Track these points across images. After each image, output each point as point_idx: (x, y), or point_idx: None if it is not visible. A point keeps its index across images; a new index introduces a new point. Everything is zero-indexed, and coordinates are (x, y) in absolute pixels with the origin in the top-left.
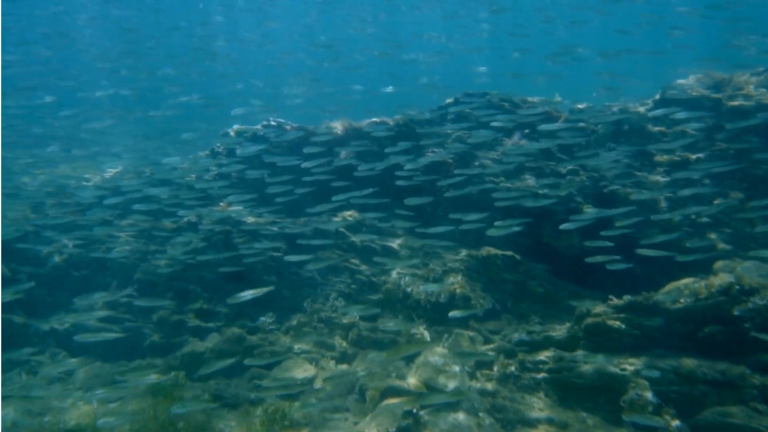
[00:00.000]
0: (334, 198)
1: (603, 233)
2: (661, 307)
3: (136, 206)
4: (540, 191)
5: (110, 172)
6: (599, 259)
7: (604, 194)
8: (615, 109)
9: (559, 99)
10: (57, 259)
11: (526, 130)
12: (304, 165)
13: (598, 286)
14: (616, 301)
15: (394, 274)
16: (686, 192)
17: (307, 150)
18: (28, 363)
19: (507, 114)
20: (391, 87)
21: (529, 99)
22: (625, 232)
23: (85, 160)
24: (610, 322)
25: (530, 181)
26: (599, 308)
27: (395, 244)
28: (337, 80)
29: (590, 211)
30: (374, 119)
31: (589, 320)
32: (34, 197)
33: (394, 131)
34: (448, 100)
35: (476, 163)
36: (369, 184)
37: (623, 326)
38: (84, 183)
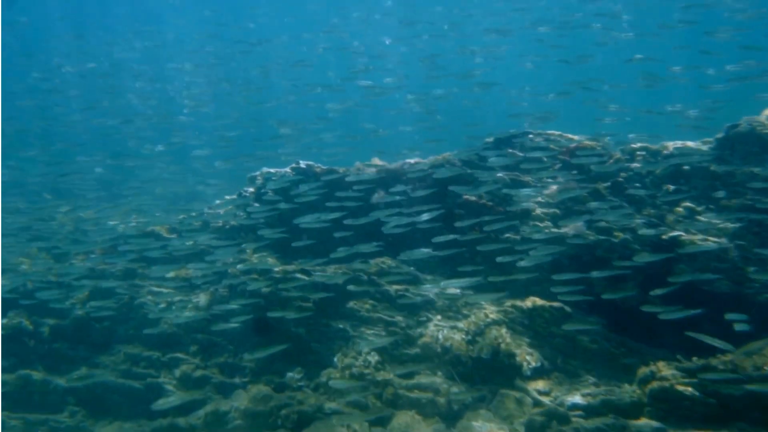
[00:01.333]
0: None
1: (668, 280)
2: (742, 373)
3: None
4: (591, 236)
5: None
6: (658, 309)
7: (664, 241)
8: (672, 147)
9: (607, 139)
10: (79, 311)
11: (574, 171)
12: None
13: (662, 343)
14: (685, 362)
15: (431, 327)
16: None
17: (339, 194)
18: (47, 423)
19: (552, 153)
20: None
21: (575, 137)
22: (689, 281)
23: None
24: (680, 388)
25: (579, 225)
26: (666, 370)
27: (432, 293)
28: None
29: (646, 258)
30: (408, 160)
31: (654, 384)
32: (60, 244)
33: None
34: (488, 140)
35: (519, 207)
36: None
37: (696, 393)
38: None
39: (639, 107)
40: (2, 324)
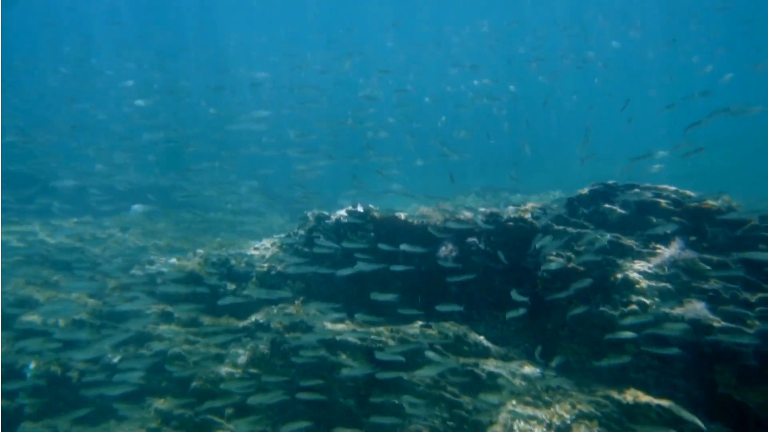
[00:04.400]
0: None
1: None
2: None
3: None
4: (715, 323)
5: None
6: None
7: None
8: None
9: (726, 198)
10: (112, 358)
11: (692, 237)
12: (393, 268)
13: None
14: None
15: (504, 413)
16: None
17: (404, 247)
18: None
19: (663, 212)
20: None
21: (694, 194)
22: None
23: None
24: None
25: (699, 307)
26: None
27: (506, 371)
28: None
29: None
30: (482, 209)
31: None
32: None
33: (504, 230)
34: (581, 191)
35: (618, 276)
36: (474, 288)
37: None
38: (148, 267)
39: None
40: (32, 369)
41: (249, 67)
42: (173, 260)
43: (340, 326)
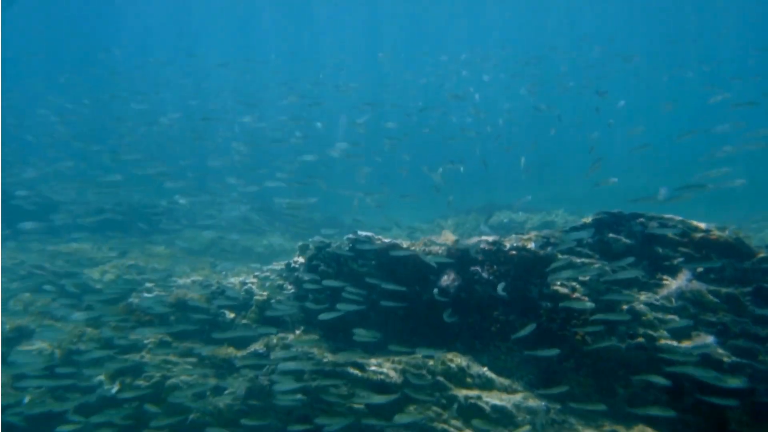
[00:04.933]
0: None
1: None
2: None
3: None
4: (725, 358)
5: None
6: None
7: None
8: None
9: (739, 231)
10: (107, 387)
11: (700, 269)
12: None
13: None
14: None
15: None
16: None
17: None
18: None
19: (670, 243)
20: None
21: (702, 225)
22: None
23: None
24: None
25: (708, 340)
26: None
27: (510, 403)
28: None
29: None
30: (486, 237)
31: None
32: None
33: (508, 259)
34: (585, 220)
35: (624, 307)
36: (477, 317)
37: None
38: (146, 296)
39: None
40: (25, 403)
41: None
42: (172, 288)
43: (340, 357)
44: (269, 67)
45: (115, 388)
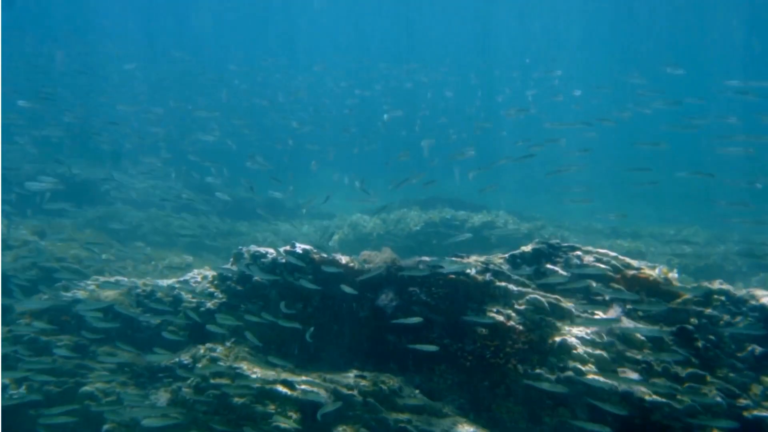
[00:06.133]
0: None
1: None
2: None
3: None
4: (647, 396)
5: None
6: None
7: (745, 419)
8: (764, 299)
9: (671, 273)
10: (12, 393)
11: (628, 305)
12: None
13: None
14: None
15: None
16: None
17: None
18: None
19: (602, 279)
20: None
21: (634, 263)
22: None
23: None
24: None
25: (632, 378)
26: None
27: (440, 429)
28: None
29: None
30: (425, 258)
31: None
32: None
33: (446, 282)
34: (524, 248)
35: (556, 338)
36: (412, 338)
37: None
38: (65, 295)
39: None
40: None
41: None
42: (92, 286)
43: (269, 373)
44: None
45: (19, 393)
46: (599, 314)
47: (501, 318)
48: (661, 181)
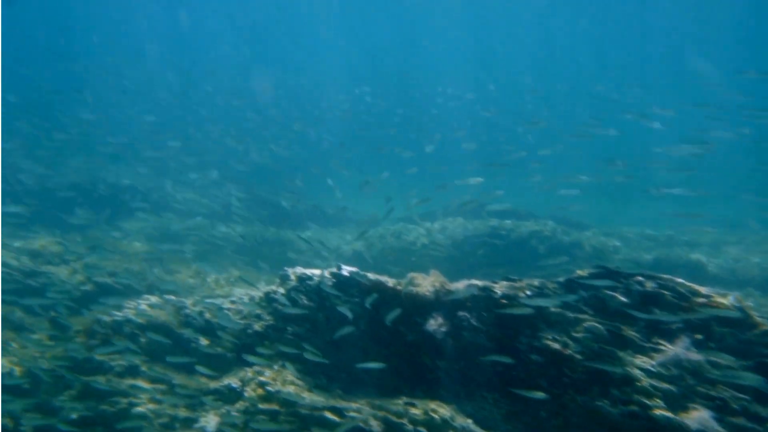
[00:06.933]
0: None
1: None
2: None
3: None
4: None
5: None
6: None
7: None
8: None
9: (743, 301)
10: (71, 412)
11: (699, 335)
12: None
13: None
14: None
15: None
16: None
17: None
18: None
19: (667, 307)
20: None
21: (702, 290)
22: None
23: None
24: None
25: (705, 416)
26: None
27: None
28: None
29: None
30: (475, 281)
31: None
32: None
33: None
34: (580, 272)
35: (617, 369)
36: (464, 365)
37: None
38: (116, 314)
39: None
40: None
41: None
42: (144, 306)
43: (318, 399)
44: None
45: (76, 412)
46: (665, 345)
47: (557, 345)
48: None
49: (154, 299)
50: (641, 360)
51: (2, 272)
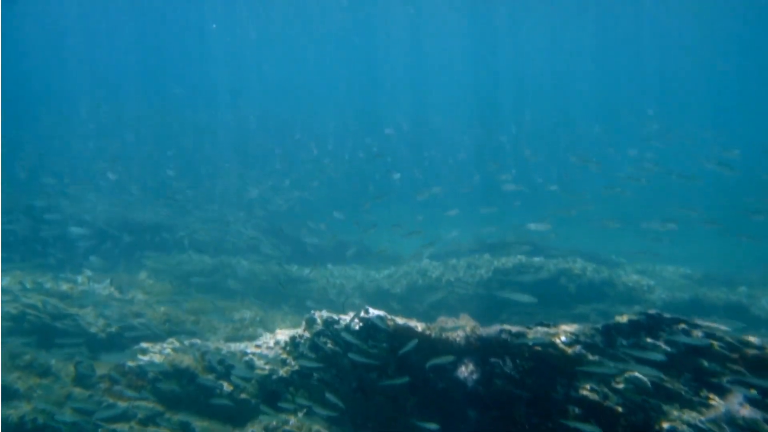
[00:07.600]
0: None
1: None
2: None
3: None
4: None
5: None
6: None
7: None
8: None
9: None
10: None
11: (753, 390)
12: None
13: None
14: None
15: None
16: None
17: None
18: None
19: (716, 358)
20: None
21: (753, 339)
22: None
23: None
24: None
25: None
26: None
27: None
28: None
29: None
30: (508, 327)
31: None
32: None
33: (532, 354)
34: (619, 318)
35: (664, 425)
36: (496, 415)
37: None
38: (141, 359)
39: None
40: None
41: None
42: (168, 350)
43: None
44: None
45: None
46: (716, 399)
47: (596, 397)
48: None
49: (177, 343)
50: (689, 415)
51: (32, 315)
